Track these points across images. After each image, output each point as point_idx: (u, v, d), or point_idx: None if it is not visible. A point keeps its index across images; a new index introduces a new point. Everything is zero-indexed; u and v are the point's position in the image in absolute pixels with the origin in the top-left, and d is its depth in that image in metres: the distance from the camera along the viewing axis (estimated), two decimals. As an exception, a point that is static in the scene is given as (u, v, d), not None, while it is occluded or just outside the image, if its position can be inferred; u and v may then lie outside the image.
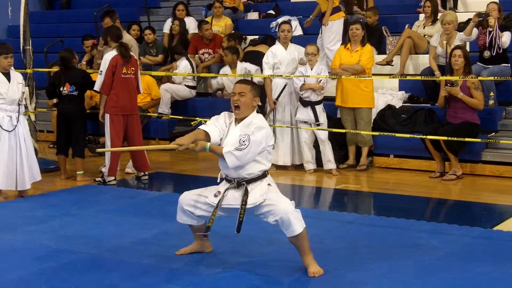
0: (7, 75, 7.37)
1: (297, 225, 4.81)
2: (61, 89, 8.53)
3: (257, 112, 5.12)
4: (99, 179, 8.34)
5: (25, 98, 7.67)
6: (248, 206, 4.88)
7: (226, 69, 10.66)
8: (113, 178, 8.29)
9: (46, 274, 4.96)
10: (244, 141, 4.81)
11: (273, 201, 4.87)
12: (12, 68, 7.51)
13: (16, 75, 7.49)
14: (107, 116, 8.26)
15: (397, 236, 5.85)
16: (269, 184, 4.97)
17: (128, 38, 9.37)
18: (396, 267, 5.00)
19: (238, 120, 5.03)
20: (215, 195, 5.00)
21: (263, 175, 4.98)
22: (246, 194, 4.89)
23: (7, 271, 5.02)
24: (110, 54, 8.24)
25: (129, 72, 8.32)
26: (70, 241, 5.78)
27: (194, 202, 5.08)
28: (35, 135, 8.89)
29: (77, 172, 8.56)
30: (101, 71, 8.24)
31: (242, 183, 4.93)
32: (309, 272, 4.84)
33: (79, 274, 4.92)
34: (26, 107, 7.73)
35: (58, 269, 5.05)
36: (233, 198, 4.96)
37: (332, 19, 10.04)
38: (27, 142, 7.49)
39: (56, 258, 5.33)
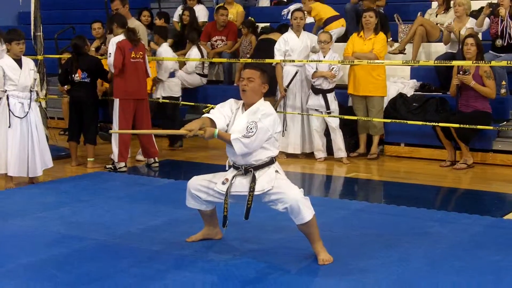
0: (19, 62, 7.37)
1: (307, 212, 4.79)
2: (74, 75, 8.55)
3: (265, 99, 5.10)
4: (110, 166, 8.36)
5: (36, 85, 7.67)
6: (256, 192, 4.85)
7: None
8: (123, 164, 8.30)
9: (57, 260, 4.97)
10: (251, 128, 4.78)
11: (282, 188, 4.83)
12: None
13: (27, 62, 7.49)
14: (116, 101, 8.28)
15: (408, 225, 5.84)
16: (276, 171, 4.93)
17: (137, 24, 9.36)
18: (406, 255, 4.99)
19: (245, 107, 4.99)
20: (223, 183, 4.97)
21: (271, 161, 4.94)
22: (253, 180, 4.85)
23: (18, 257, 5.03)
24: (117, 38, 8.25)
25: (138, 57, 8.33)
26: (80, 227, 5.80)
27: (202, 187, 5.07)
28: (46, 122, 8.92)
29: (88, 159, 8.59)
30: (110, 53, 8.26)
31: (249, 170, 4.89)
32: (319, 260, 4.83)
33: (90, 260, 4.93)
34: (37, 93, 7.72)
35: (69, 255, 5.06)
36: (240, 185, 4.92)
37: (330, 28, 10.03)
38: (38, 128, 7.50)
39: (66, 244, 5.34)
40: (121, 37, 8.26)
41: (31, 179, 7.56)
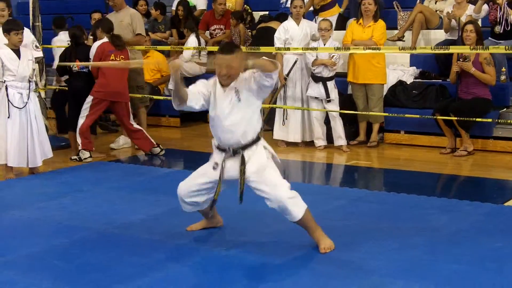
0: (17, 52, 7.35)
1: (296, 211, 4.70)
2: (72, 66, 8.54)
3: None
4: (75, 157, 8.34)
5: (35, 75, 7.66)
6: (247, 175, 4.73)
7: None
8: (88, 155, 8.29)
9: (58, 250, 4.98)
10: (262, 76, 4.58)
11: (267, 184, 4.70)
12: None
13: (26, 52, 7.47)
14: (89, 98, 8.29)
15: (408, 213, 5.84)
16: (265, 147, 4.82)
17: (132, 12, 9.33)
18: (407, 243, 4.98)
19: (223, 87, 4.77)
20: (214, 168, 4.85)
21: (257, 138, 4.79)
22: (243, 163, 4.72)
23: (19, 248, 5.04)
24: (99, 42, 8.30)
25: (117, 59, 8.32)
26: (81, 217, 5.80)
27: (195, 192, 4.93)
28: (45, 112, 8.91)
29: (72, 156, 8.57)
30: (90, 59, 8.30)
31: (237, 151, 4.74)
32: (320, 248, 4.81)
33: (91, 250, 4.94)
34: (36, 84, 7.71)
35: (70, 246, 5.07)
36: (232, 169, 4.78)
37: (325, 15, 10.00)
38: (38, 119, 7.49)
39: (67, 235, 5.35)
40: (103, 41, 8.29)
41: (31, 170, 7.56)
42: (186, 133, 10.04)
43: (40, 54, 8.00)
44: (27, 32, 7.73)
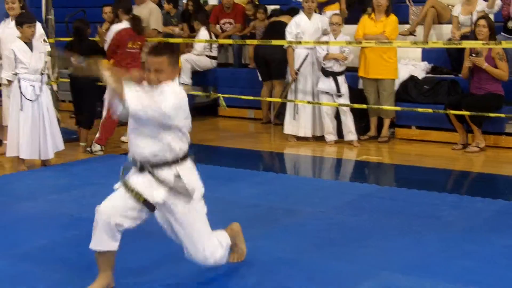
0: (30, 45, 7.37)
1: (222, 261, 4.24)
2: (72, 59, 8.54)
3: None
4: (88, 148, 8.36)
5: (47, 68, 7.68)
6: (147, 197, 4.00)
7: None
8: (99, 148, 8.31)
9: (70, 242, 5.00)
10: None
11: (184, 233, 4.08)
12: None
13: (38, 45, 7.49)
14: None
15: (419, 208, 5.82)
16: (177, 176, 4.04)
17: (152, 6, 9.34)
18: (419, 239, 4.98)
19: None
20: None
21: (175, 160, 4.06)
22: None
23: (31, 240, 5.07)
24: (119, 26, 8.25)
25: (135, 47, 8.33)
26: (93, 209, 5.73)
27: (125, 209, 4.04)
28: (57, 105, 8.93)
29: (80, 143, 8.59)
30: (106, 40, 8.28)
31: (144, 167, 4.02)
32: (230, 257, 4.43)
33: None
34: (48, 76, 7.73)
35: (81, 238, 5.03)
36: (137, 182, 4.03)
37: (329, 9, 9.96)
38: (50, 111, 7.52)
39: (79, 227, 5.36)
40: (123, 25, 8.24)
41: (43, 162, 7.59)
42: (197, 127, 10.03)
43: (48, 48, 8.02)
44: (37, 25, 7.75)
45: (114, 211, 4.01)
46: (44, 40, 8.01)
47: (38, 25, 7.87)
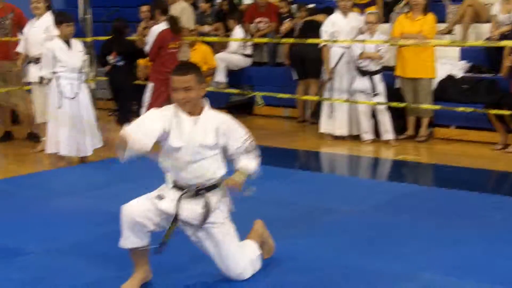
0: (68, 43, 7.44)
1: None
2: (109, 57, 8.61)
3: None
4: None
5: (85, 66, 7.75)
6: (208, 225, 4.08)
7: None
8: None
9: (107, 238, 5.00)
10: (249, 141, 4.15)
11: (218, 253, 4.10)
12: None
13: (76, 44, 7.56)
14: (150, 85, 8.32)
15: (459, 209, 5.74)
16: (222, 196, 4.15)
17: (183, 5, 9.36)
18: (459, 240, 4.90)
19: (189, 113, 4.06)
20: (159, 197, 4.16)
21: (219, 181, 4.13)
22: (207, 206, 4.05)
23: (68, 235, 5.12)
24: (159, 27, 8.26)
25: (175, 47, 8.36)
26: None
27: (150, 211, 4.10)
28: (95, 103, 8.99)
29: None
30: (147, 42, 8.30)
31: (201, 192, 4.06)
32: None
33: (140, 239, 4.96)
34: (86, 75, 7.79)
35: (119, 234, 5.09)
36: (190, 211, 4.07)
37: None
38: (88, 109, 7.58)
39: (116, 223, 5.33)
40: (162, 26, 8.26)
41: (82, 159, 7.66)
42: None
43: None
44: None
45: (137, 211, 4.05)
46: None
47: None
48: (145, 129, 4.01)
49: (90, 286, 4.15)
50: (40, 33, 8.08)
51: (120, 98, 8.69)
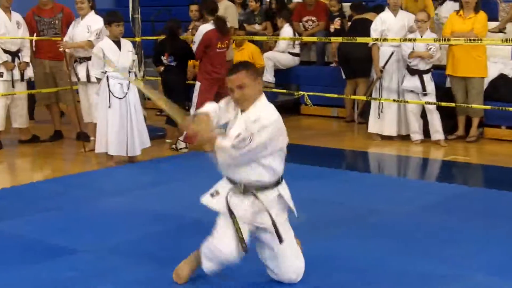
0: (118, 43, 7.51)
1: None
2: (162, 57, 8.68)
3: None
4: (173, 146, 8.44)
5: (134, 66, 7.82)
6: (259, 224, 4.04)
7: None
8: (184, 145, 8.37)
9: (155, 237, 5.07)
10: (245, 140, 3.88)
11: (283, 255, 4.07)
12: None
13: (126, 43, 7.63)
14: (198, 84, 8.35)
15: (509, 210, 5.67)
16: (279, 195, 4.07)
17: (227, 4, 9.37)
18: (509, 241, 4.83)
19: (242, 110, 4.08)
20: (212, 195, 4.19)
21: (277, 182, 4.07)
22: (257, 205, 4.02)
23: (118, 234, 5.17)
24: (206, 27, 8.26)
25: (223, 46, 8.36)
26: (178, 206, 5.88)
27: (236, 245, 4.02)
28: (143, 103, 9.08)
29: (166, 140, 8.69)
30: (194, 42, 8.31)
31: (250, 191, 4.03)
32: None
33: (186, 238, 5.00)
34: (135, 75, 7.86)
35: (166, 233, 5.15)
36: (242, 209, 4.05)
37: None
38: (137, 109, 7.63)
39: (164, 222, 5.44)
40: (209, 26, 8.26)
41: (130, 158, 7.71)
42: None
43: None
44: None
45: (233, 254, 4.01)
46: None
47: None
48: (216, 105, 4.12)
49: (137, 285, 4.18)
50: (84, 33, 8.19)
51: (172, 97, 8.74)
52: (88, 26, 8.18)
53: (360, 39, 8.73)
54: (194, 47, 8.33)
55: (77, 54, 8.32)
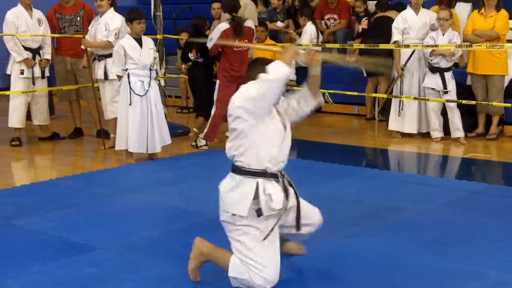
0: (139, 41, 7.53)
1: None
2: (189, 54, 8.73)
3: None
4: (194, 143, 8.48)
5: (155, 64, 7.84)
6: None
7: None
8: (204, 142, 8.40)
9: (176, 234, 5.09)
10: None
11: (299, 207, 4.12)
12: None
13: (147, 41, 7.65)
14: (217, 82, 8.37)
15: (530, 208, 5.64)
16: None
17: (246, 2, 9.37)
18: (529, 239, 4.82)
19: None
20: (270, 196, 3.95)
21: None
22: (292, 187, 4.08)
23: (139, 231, 5.19)
24: (223, 26, 8.26)
25: (242, 45, 8.35)
26: (198, 203, 5.91)
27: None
28: (164, 100, 9.12)
29: (193, 129, 8.81)
30: (211, 38, 8.29)
31: (281, 176, 4.01)
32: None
33: (207, 235, 4.97)
34: (156, 72, 7.89)
35: (187, 230, 5.17)
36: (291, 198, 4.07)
37: None
38: (158, 106, 7.65)
39: (185, 219, 5.47)
40: (226, 25, 8.27)
41: (150, 155, 7.75)
42: (300, 122, 10.00)
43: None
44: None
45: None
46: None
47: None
48: None
49: (156, 282, 4.20)
50: (102, 31, 8.24)
51: (198, 92, 8.82)
52: (106, 24, 8.23)
53: (382, 46, 8.68)
54: (210, 44, 8.32)
55: (96, 52, 8.38)
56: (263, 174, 3.91)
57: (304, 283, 4.17)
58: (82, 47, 8.35)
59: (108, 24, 8.20)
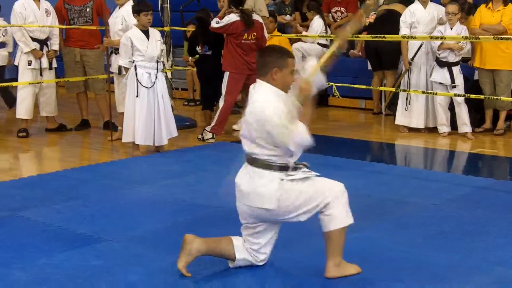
0: (146, 33, 7.53)
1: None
2: (197, 47, 8.72)
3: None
4: (200, 136, 8.48)
5: (162, 56, 7.84)
6: None
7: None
8: (211, 136, 8.40)
9: (182, 227, 5.08)
10: None
11: None
12: None
13: (154, 33, 7.64)
14: (226, 74, 8.36)
15: (538, 204, 5.63)
16: None
17: (256, -5, 9.36)
18: (537, 234, 4.81)
19: None
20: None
21: None
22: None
23: (146, 223, 5.21)
24: (233, 17, 8.24)
25: (250, 38, 8.33)
26: (204, 196, 5.91)
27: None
28: (171, 92, 9.12)
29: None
30: (218, 21, 8.24)
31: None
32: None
33: (214, 227, 5.02)
34: (163, 64, 7.89)
35: (193, 222, 5.18)
36: None
37: None
38: (164, 99, 7.64)
39: (191, 212, 5.47)
40: (237, 18, 8.25)
41: (157, 148, 7.76)
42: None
43: None
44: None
45: None
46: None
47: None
48: None
49: (163, 274, 4.20)
50: (118, 24, 8.24)
51: (205, 86, 8.83)
52: (123, 18, 8.21)
53: (389, 37, 8.65)
54: (216, 25, 8.23)
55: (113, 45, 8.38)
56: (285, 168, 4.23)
57: (310, 277, 4.16)
58: (105, 44, 8.36)
59: (125, 19, 8.18)
